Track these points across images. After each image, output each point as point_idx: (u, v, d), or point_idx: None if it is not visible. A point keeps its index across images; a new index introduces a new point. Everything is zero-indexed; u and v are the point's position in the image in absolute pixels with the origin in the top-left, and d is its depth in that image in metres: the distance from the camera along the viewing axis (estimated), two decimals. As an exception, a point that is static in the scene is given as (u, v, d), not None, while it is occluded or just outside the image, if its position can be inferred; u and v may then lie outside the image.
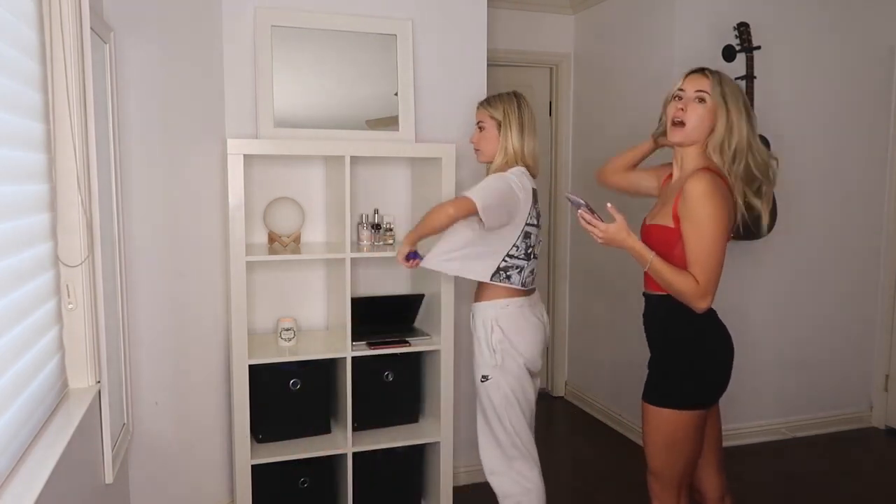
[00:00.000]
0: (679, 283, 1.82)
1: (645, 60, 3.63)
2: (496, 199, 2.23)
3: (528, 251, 2.35)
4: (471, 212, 2.21)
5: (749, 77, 3.33)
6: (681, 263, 1.86)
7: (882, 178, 3.89)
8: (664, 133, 1.98)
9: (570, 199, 1.98)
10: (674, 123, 1.89)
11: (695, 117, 1.85)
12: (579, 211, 1.93)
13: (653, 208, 2.05)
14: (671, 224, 1.87)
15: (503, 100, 2.40)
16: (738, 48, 3.36)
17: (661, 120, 2.03)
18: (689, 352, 1.94)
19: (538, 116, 4.25)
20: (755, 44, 3.35)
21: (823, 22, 3.66)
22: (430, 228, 2.28)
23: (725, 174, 1.87)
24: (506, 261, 2.31)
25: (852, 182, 3.83)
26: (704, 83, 1.85)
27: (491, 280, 2.31)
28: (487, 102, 2.43)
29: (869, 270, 3.93)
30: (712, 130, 1.86)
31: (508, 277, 2.32)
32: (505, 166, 2.37)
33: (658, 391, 1.96)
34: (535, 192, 2.36)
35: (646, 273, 1.93)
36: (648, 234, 1.96)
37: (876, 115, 3.84)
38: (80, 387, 1.92)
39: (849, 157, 3.81)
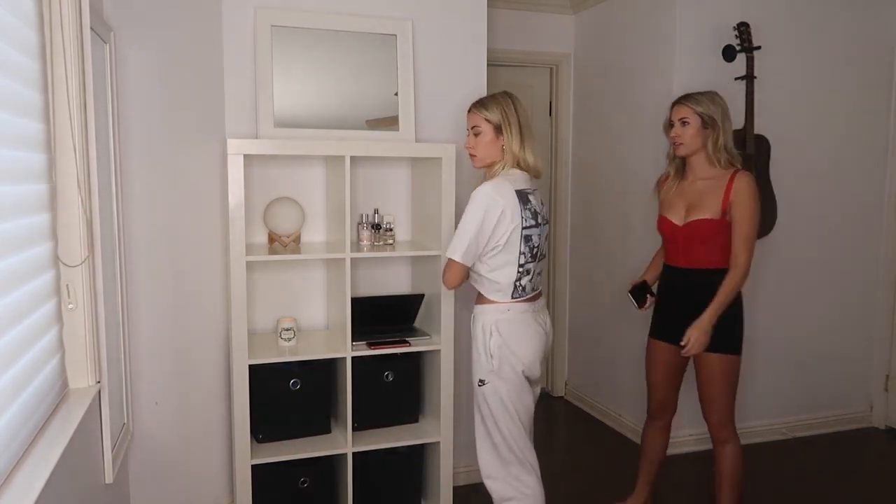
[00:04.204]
0: (734, 285, 2.42)
1: (645, 60, 3.63)
2: (469, 239, 2.23)
3: (534, 251, 2.32)
4: (462, 269, 2.28)
5: (749, 77, 3.33)
6: (725, 246, 2.43)
7: (882, 177, 3.89)
8: (674, 151, 2.56)
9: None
10: (674, 144, 2.53)
11: (687, 136, 2.49)
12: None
13: (675, 207, 2.54)
14: (718, 216, 2.43)
15: (498, 101, 2.29)
16: (738, 48, 3.36)
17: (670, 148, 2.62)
18: (737, 305, 2.48)
19: (538, 116, 4.30)
20: (755, 44, 3.35)
21: (823, 22, 3.66)
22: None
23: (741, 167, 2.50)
24: (519, 271, 2.29)
25: (852, 182, 3.83)
26: (683, 111, 2.47)
27: (511, 298, 2.30)
28: (482, 105, 2.30)
29: (869, 270, 3.93)
30: (707, 141, 2.45)
31: (523, 287, 2.31)
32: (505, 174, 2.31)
33: (722, 342, 2.44)
34: (523, 193, 2.27)
35: (688, 251, 2.50)
36: (695, 228, 2.47)
37: (876, 115, 3.84)
38: (80, 387, 1.92)
39: (849, 156, 3.81)
